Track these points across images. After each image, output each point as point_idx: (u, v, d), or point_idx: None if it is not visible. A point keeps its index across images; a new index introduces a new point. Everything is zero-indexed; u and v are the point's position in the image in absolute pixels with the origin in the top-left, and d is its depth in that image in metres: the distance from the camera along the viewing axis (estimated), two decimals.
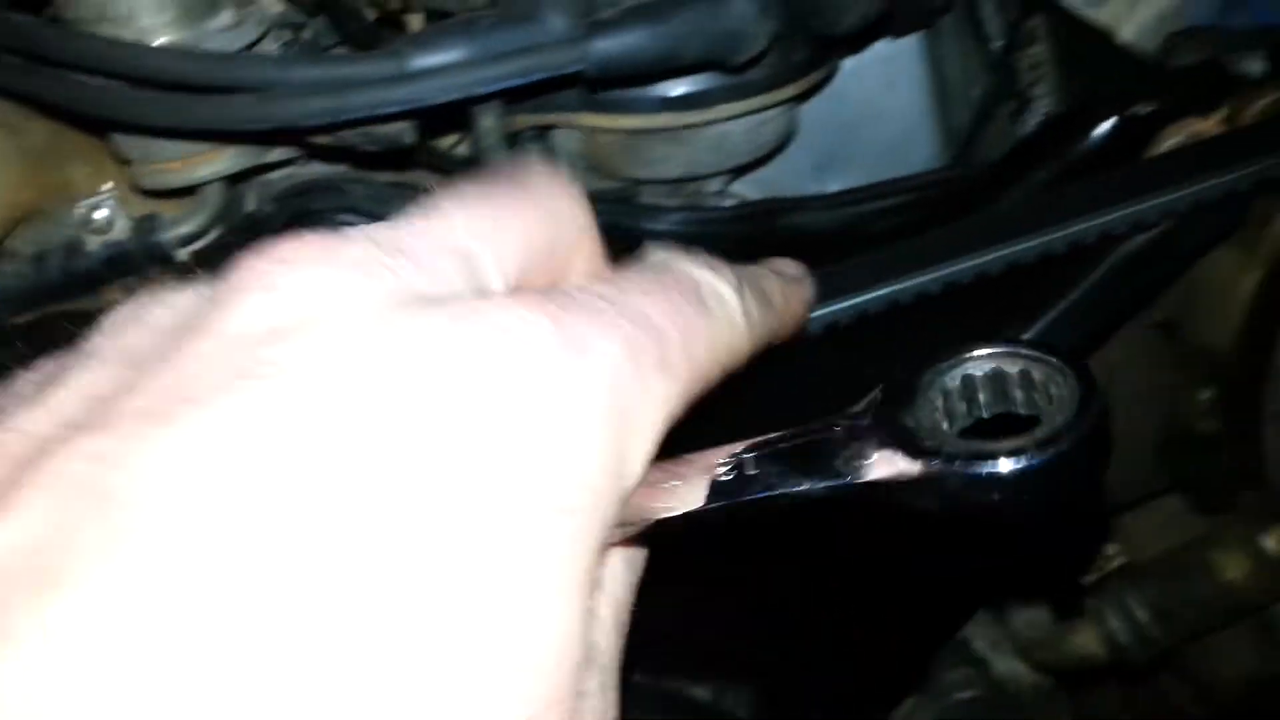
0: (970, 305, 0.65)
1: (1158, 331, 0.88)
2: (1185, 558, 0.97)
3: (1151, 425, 0.93)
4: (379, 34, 0.71)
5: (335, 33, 0.69)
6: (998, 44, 0.89)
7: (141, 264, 0.74)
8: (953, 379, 0.34)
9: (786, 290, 0.41)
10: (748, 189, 0.98)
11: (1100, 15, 0.86)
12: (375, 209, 0.74)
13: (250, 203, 0.81)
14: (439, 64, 0.58)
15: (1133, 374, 0.91)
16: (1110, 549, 1.05)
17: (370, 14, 0.75)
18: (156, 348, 0.29)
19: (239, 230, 0.76)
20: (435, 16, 0.77)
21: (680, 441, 0.32)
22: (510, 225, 0.33)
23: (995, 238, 0.64)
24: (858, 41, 0.90)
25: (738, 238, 0.80)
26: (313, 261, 0.29)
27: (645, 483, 0.30)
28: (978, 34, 0.93)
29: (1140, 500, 1.01)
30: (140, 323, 0.30)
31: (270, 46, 0.77)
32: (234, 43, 0.69)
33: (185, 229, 0.75)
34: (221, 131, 0.60)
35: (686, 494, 0.32)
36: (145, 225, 0.74)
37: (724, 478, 0.32)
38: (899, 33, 0.87)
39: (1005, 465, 0.30)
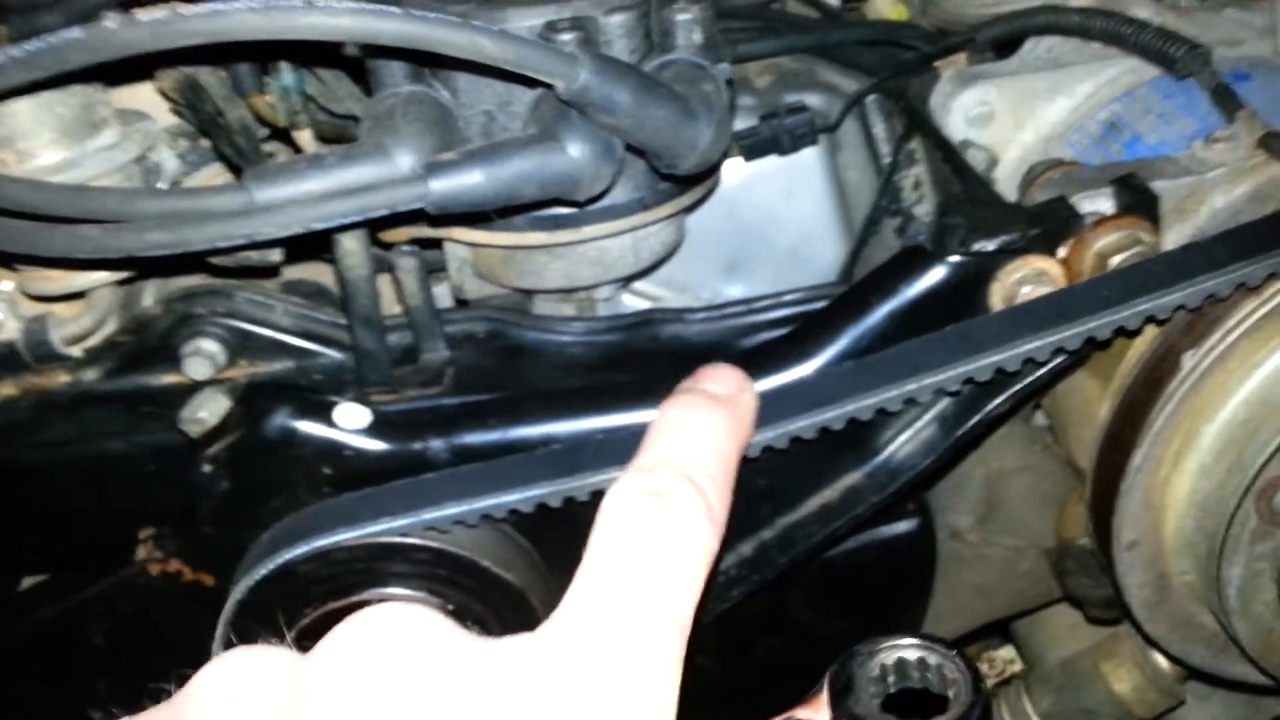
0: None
1: (1050, 435, 0.89)
2: (1078, 667, 0.97)
3: (1046, 532, 0.93)
4: (257, 150, 0.74)
5: (214, 151, 0.72)
6: (887, 160, 0.92)
7: (30, 362, 0.77)
8: (873, 668, 0.46)
9: (740, 440, 0.51)
10: (660, 289, 1.00)
11: (983, 137, 0.88)
12: (258, 314, 0.77)
13: (147, 299, 0.84)
14: (283, 198, 0.60)
15: (1026, 479, 0.92)
16: (1008, 654, 1.05)
17: (260, 130, 0.78)
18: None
19: (128, 330, 0.78)
20: (325, 131, 0.80)
21: None
22: None
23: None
24: (752, 155, 0.93)
25: (620, 348, 0.82)
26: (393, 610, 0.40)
27: None
28: (871, 146, 0.96)
29: (1039, 607, 1.01)
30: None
31: (166, 156, 0.81)
32: (115, 160, 0.72)
33: (74, 329, 0.77)
34: (71, 260, 0.63)
35: None
36: (35, 325, 0.77)
37: None
38: (785, 151, 0.90)
39: None
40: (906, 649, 0.46)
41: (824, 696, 0.45)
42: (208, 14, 0.56)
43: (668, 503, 0.44)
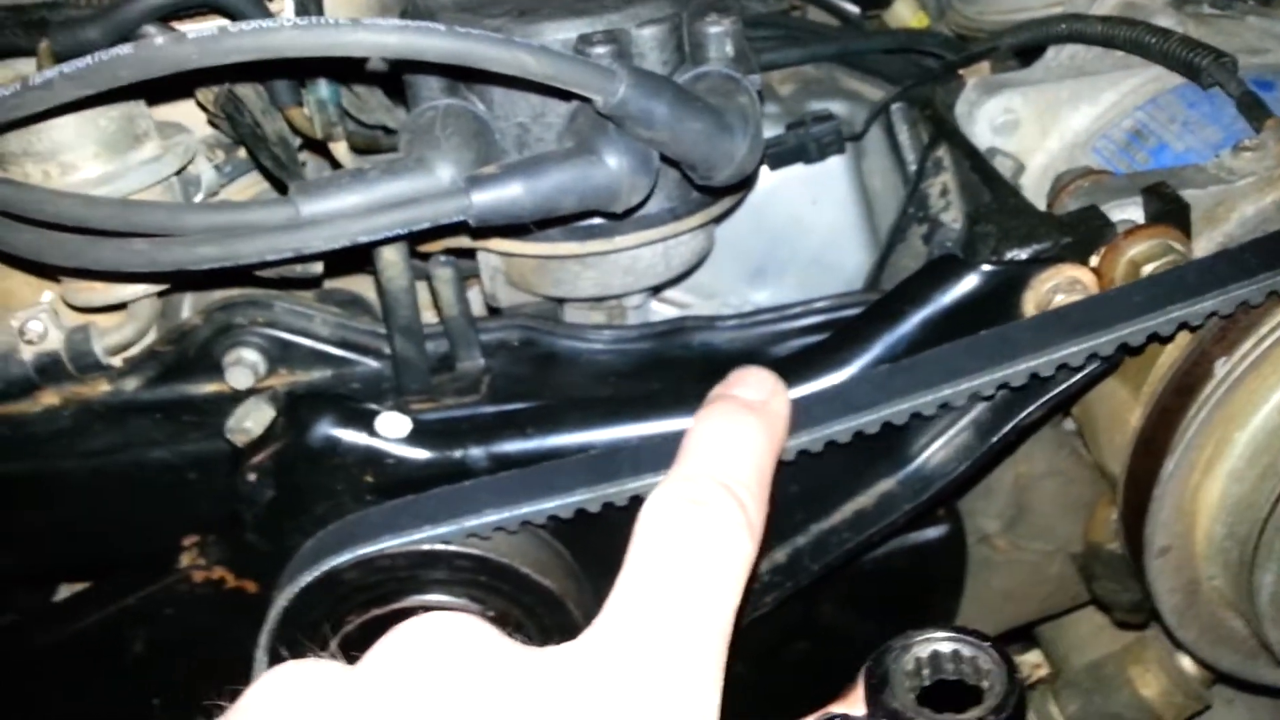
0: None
1: (1079, 440, 0.90)
2: (1105, 671, 0.98)
3: (1074, 536, 0.94)
4: (295, 162, 0.75)
5: (251, 161, 0.73)
6: (912, 167, 0.93)
7: (73, 371, 0.78)
8: (908, 662, 0.45)
9: (775, 446, 0.52)
10: (687, 296, 1.01)
11: (1009, 145, 0.89)
12: (297, 324, 0.78)
13: (185, 310, 0.85)
14: (329, 212, 0.61)
15: (1054, 484, 0.92)
16: (1034, 658, 1.05)
17: (295, 141, 0.79)
18: None
19: (168, 340, 0.79)
20: (357, 142, 0.81)
21: None
22: None
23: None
24: (778, 163, 0.94)
25: (652, 355, 0.83)
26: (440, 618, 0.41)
27: None
28: (896, 153, 0.96)
29: (1065, 611, 1.02)
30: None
31: (204, 168, 0.82)
32: (158, 173, 0.73)
33: (115, 339, 0.78)
34: (119, 273, 0.64)
35: None
36: (77, 335, 0.78)
37: None
38: (812, 159, 0.91)
39: None
40: (940, 642, 0.46)
41: (859, 691, 0.45)
42: (255, 31, 0.57)
43: (707, 511, 0.45)
